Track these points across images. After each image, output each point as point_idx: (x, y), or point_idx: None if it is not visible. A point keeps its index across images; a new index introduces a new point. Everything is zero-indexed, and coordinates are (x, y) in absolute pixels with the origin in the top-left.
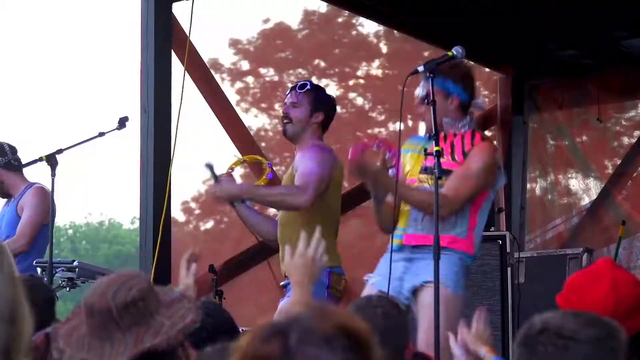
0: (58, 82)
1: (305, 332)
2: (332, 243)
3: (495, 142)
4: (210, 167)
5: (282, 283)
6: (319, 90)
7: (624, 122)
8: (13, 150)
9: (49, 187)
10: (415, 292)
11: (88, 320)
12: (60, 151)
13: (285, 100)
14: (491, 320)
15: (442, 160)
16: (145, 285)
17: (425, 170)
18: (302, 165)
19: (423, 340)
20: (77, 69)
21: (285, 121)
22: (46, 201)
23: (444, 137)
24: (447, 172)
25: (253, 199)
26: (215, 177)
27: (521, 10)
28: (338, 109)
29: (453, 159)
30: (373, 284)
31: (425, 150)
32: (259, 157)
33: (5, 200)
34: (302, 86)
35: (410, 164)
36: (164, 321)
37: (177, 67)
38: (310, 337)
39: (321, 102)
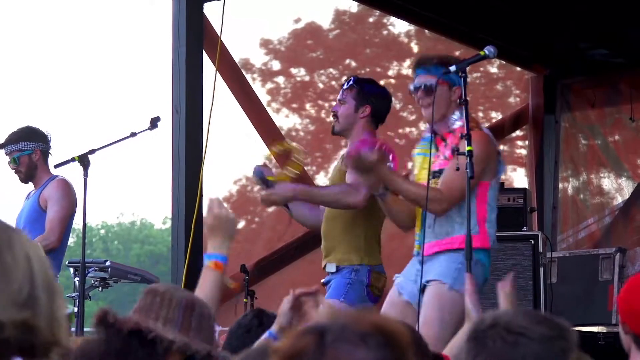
0: (90, 82)
1: (341, 329)
2: (374, 241)
3: (527, 142)
4: (259, 174)
5: (323, 280)
6: (364, 84)
7: None
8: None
9: (75, 184)
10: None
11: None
12: (92, 151)
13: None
14: None
15: (437, 162)
16: (195, 301)
17: (433, 175)
18: None
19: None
20: (109, 69)
21: (334, 119)
22: (70, 194)
23: (441, 138)
24: (441, 173)
25: (307, 200)
26: (267, 183)
27: (553, 10)
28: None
29: (445, 157)
30: (397, 283)
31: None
32: (290, 146)
33: (26, 194)
34: (347, 82)
35: (417, 167)
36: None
37: (208, 67)
38: (346, 334)
39: (366, 96)
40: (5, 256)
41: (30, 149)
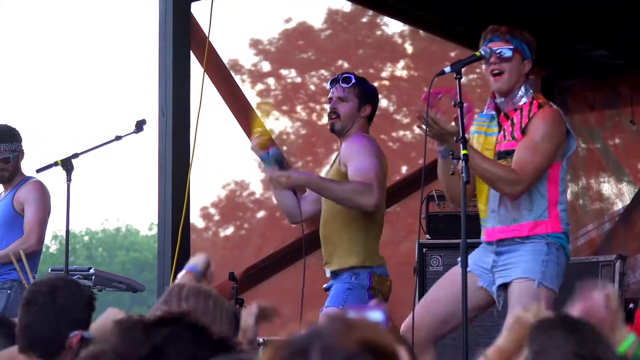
0: (74, 84)
1: (326, 349)
2: (375, 243)
3: None
4: (278, 153)
5: (325, 286)
6: (364, 83)
7: None
8: None
9: (58, 189)
10: (505, 288)
11: None
12: (76, 155)
13: (330, 94)
14: None
15: (503, 142)
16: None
17: (499, 156)
18: (356, 159)
19: None
20: (94, 70)
21: (333, 117)
22: (47, 195)
23: (505, 115)
24: (509, 154)
25: (318, 191)
26: (282, 164)
27: (551, 10)
28: None
29: (513, 137)
30: (472, 267)
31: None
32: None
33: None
34: (347, 80)
35: (477, 147)
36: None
37: (196, 68)
38: (332, 355)
39: (368, 95)
40: None
41: (19, 150)
